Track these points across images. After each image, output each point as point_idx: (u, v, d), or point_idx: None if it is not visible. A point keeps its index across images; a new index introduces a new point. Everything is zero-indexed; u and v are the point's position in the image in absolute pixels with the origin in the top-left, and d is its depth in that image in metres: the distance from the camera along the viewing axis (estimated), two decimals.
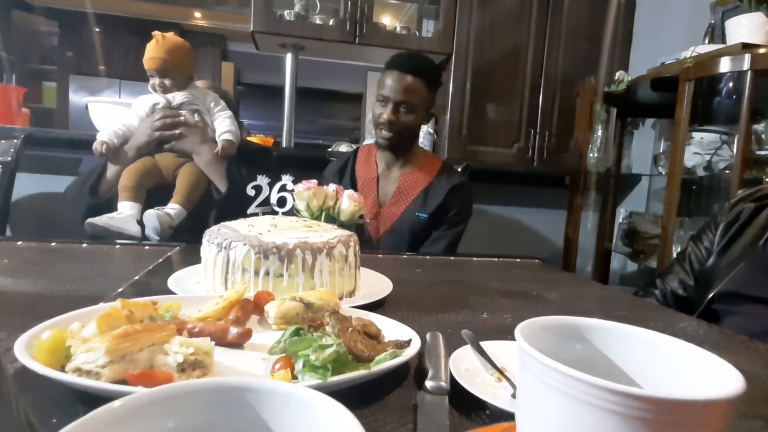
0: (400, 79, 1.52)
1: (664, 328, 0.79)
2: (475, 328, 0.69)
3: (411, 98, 1.53)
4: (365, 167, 1.66)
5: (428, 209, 1.56)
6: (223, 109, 1.62)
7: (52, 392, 0.43)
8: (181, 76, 1.57)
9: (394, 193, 1.60)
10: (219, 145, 1.54)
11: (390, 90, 1.52)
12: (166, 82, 1.54)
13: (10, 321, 0.61)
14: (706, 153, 1.87)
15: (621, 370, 0.32)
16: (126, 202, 1.42)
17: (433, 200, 1.57)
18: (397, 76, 1.53)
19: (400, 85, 1.52)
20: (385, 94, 1.53)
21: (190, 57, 1.61)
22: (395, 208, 1.59)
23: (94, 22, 5.95)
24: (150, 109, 1.56)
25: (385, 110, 1.53)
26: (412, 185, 1.60)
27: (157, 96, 1.56)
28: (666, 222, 1.87)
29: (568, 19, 2.65)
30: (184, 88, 1.58)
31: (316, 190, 0.92)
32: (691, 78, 1.77)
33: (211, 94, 1.64)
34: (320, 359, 0.43)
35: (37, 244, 1.13)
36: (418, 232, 1.57)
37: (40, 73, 6.01)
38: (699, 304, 1.07)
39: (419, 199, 1.58)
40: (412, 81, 1.52)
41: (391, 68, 1.55)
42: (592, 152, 2.58)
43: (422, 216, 1.56)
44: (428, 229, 1.58)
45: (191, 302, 0.62)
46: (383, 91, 1.54)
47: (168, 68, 1.53)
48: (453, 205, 1.58)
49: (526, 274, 1.21)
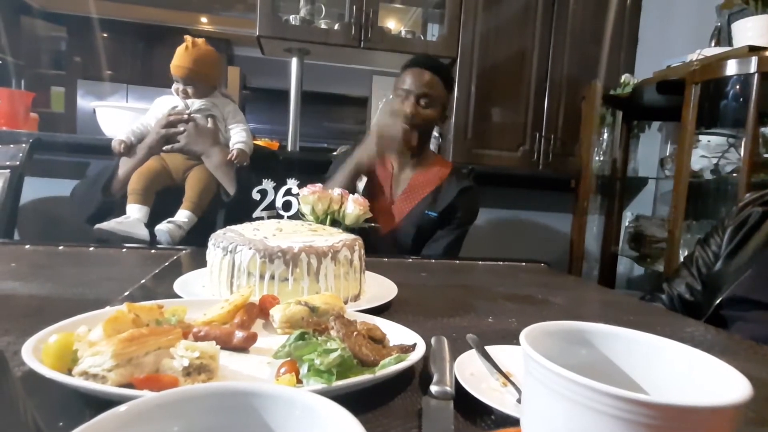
0: (421, 75, 1.59)
1: (671, 333, 0.79)
2: (481, 333, 0.69)
3: (432, 91, 1.59)
4: (381, 164, 1.69)
5: (437, 208, 1.60)
6: (241, 122, 1.64)
7: (60, 396, 0.43)
8: (205, 85, 1.59)
9: (404, 190, 1.65)
10: (233, 153, 1.55)
11: (411, 84, 1.58)
12: (188, 90, 1.57)
13: (18, 324, 0.62)
14: (713, 156, 1.86)
15: (627, 376, 0.32)
16: (134, 205, 1.44)
17: (443, 201, 1.61)
18: (417, 72, 1.59)
19: (421, 80, 1.58)
20: (406, 88, 1.59)
21: (216, 67, 1.62)
22: (404, 205, 1.63)
23: (101, 27, 6.01)
24: (167, 112, 1.57)
25: (407, 103, 1.58)
26: (422, 185, 1.65)
27: (177, 99, 1.58)
28: (673, 226, 1.86)
29: (573, 22, 2.64)
30: (206, 96, 1.60)
31: (321, 194, 0.92)
32: (698, 81, 1.76)
33: (231, 104, 1.66)
34: (325, 364, 0.43)
35: (45, 248, 1.14)
36: (424, 230, 1.60)
37: (49, 77, 6.07)
38: (706, 309, 1.06)
39: (429, 198, 1.62)
40: (431, 77, 1.59)
41: (411, 66, 1.62)
42: (598, 155, 2.57)
43: (431, 214, 1.59)
44: (435, 227, 1.61)
45: (197, 306, 0.63)
46: (404, 86, 1.60)
47: (193, 78, 1.55)
48: (460, 207, 1.62)
49: (532, 278, 1.21)
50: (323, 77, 5.40)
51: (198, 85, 1.57)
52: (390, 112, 1.61)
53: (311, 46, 2.54)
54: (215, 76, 1.62)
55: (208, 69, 1.58)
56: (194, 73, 1.54)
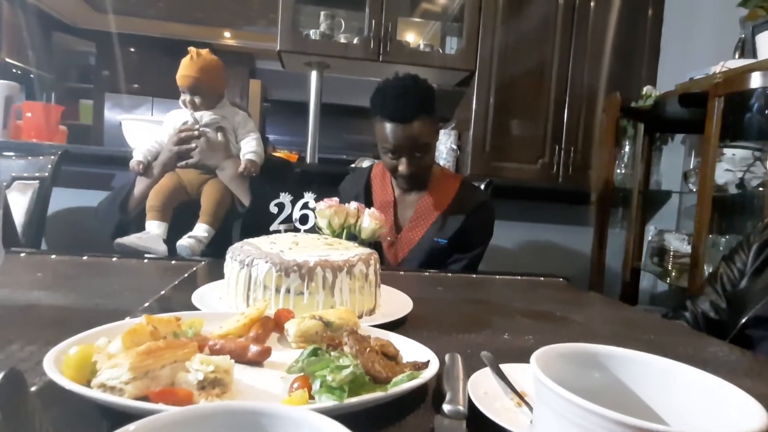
0: (406, 130, 1.38)
1: (693, 354, 0.77)
2: (496, 350, 0.68)
3: (423, 140, 1.41)
4: (381, 190, 1.60)
5: (447, 233, 1.49)
6: (252, 131, 1.65)
7: (79, 406, 0.44)
8: (212, 94, 1.61)
9: (411, 218, 1.53)
10: (242, 165, 1.57)
11: (398, 142, 1.39)
12: (195, 100, 1.58)
13: (42, 334, 0.64)
14: (739, 170, 1.82)
15: (641, 400, 0.32)
16: (153, 222, 1.47)
17: (452, 224, 1.49)
18: (401, 128, 1.38)
19: (408, 135, 1.38)
20: (394, 146, 1.40)
21: (221, 76, 1.64)
22: (413, 233, 1.52)
23: (128, 42, 6.22)
24: (177, 128, 1.60)
25: (400, 162, 1.42)
26: (430, 209, 1.52)
27: (186, 114, 1.61)
28: (697, 241, 1.81)
29: (593, 33, 2.63)
30: (214, 106, 1.61)
31: (337, 208, 0.92)
32: (721, 94, 1.72)
33: (241, 113, 1.68)
34: (337, 380, 0.44)
35: (70, 258, 1.17)
36: (437, 257, 1.49)
37: (78, 91, 6.29)
38: (731, 328, 1.03)
39: (437, 223, 1.51)
40: (418, 126, 1.38)
41: (390, 120, 1.39)
42: (619, 168, 2.53)
43: (441, 241, 1.49)
44: (448, 253, 1.51)
45: (213, 319, 0.64)
46: (388, 143, 1.40)
47: (199, 87, 1.57)
48: (472, 228, 1.51)
49: (550, 294, 1.19)
50: (343, 89, 5.46)
51: (205, 95, 1.59)
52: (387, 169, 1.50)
53: (331, 60, 2.58)
54: (220, 86, 1.63)
55: (213, 79, 1.60)
56: (200, 82, 1.56)
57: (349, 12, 2.73)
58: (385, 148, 1.43)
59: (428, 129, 1.42)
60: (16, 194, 1.82)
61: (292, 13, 2.44)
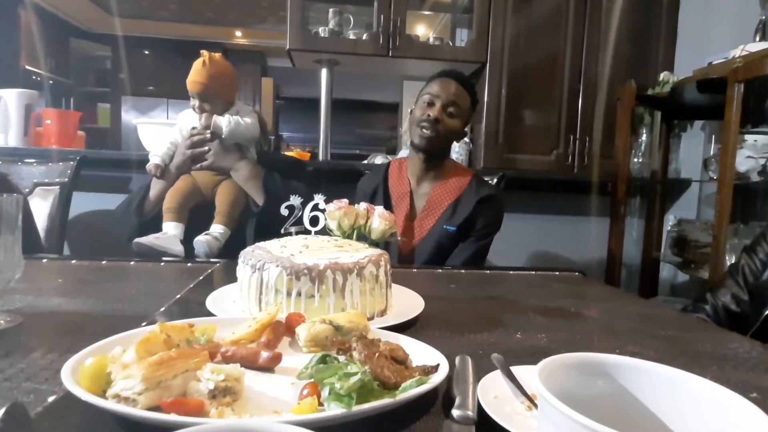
0: (449, 84, 1.58)
1: (712, 350, 0.75)
2: (508, 350, 0.68)
3: (458, 101, 1.58)
4: (398, 183, 1.67)
5: (456, 222, 1.55)
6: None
7: (96, 416, 0.46)
8: (221, 102, 1.60)
9: (424, 207, 1.60)
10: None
11: (439, 91, 1.58)
12: (205, 106, 1.58)
13: (62, 341, 0.66)
14: (761, 156, 1.77)
15: (647, 410, 0.31)
16: (170, 223, 1.49)
17: (462, 213, 1.56)
18: (446, 82, 1.59)
19: (449, 89, 1.57)
20: (434, 94, 1.58)
21: (232, 84, 1.63)
22: (425, 222, 1.59)
23: (143, 45, 6.32)
24: (189, 131, 1.61)
25: (432, 109, 1.56)
26: (441, 198, 1.60)
27: (197, 119, 1.62)
28: (717, 230, 1.77)
29: (606, 19, 2.57)
30: (223, 112, 1.61)
31: (347, 209, 0.93)
32: (741, 79, 1.67)
33: (247, 108, 1.67)
34: (345, 388, 0.44)
35: (89, 263, 1.19)
36: (446, 245, 1.55)
37: (95, 95, 6.42)
38: (754, 321, 1.00)
39: (448, 211, 1.57)
40: (459, 89, 1.59)
41: (440, 77, 1.61)
42: (636, 157, 2.48)
43: (450, 228, 1.54)
44: (456, 241, 1.56)
45: (226, 324, 0.64)
46: (431, 92, 1.59)
47: (208, 94, 1.57)
48: (481, 217, 1.56)
49: (565, 289, 1.18)
50: (354, 84, 5.45)
51: (214, 102, 1.58)
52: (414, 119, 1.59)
53: (340, 57, 2.57)
54: (230, 93, 1.63)
55: (223, 86, 1.59)
56: (209, 89, 1.56)
57: (358, 7, 2.72)
58: (426, 98, 1.59)
59: (464, 101, 1.60)
60: (38, 200, 1.87)
61: (300, 11, 2.44)
